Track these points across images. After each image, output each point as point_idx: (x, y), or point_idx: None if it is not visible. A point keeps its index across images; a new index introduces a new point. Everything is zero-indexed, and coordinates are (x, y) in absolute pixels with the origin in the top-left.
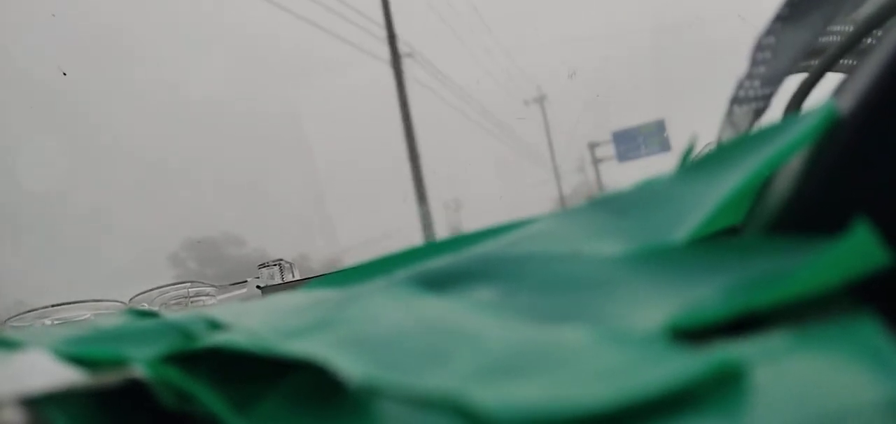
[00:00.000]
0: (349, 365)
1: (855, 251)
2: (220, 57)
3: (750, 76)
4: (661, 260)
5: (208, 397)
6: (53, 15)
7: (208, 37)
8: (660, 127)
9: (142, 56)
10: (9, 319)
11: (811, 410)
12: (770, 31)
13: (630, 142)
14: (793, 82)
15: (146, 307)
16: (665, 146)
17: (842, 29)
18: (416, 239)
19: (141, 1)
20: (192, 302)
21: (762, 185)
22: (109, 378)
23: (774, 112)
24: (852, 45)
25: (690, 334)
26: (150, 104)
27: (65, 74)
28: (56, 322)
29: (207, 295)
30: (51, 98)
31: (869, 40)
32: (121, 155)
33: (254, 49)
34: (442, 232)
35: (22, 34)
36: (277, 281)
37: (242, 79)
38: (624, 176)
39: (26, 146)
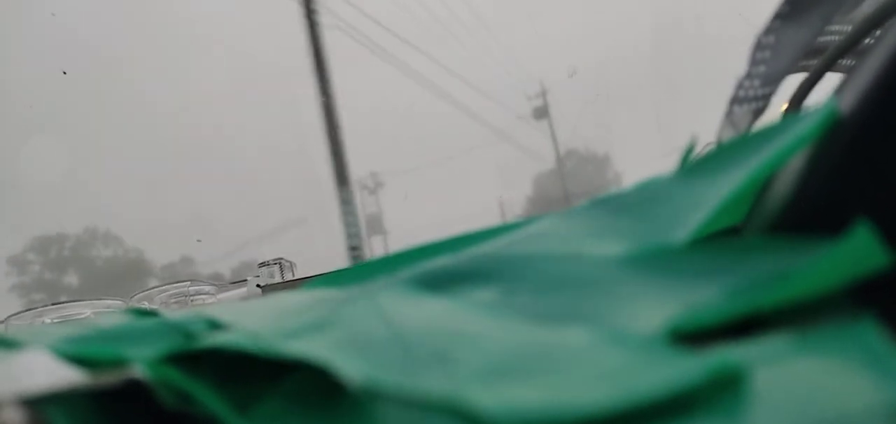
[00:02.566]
0: (349, 367)
1: (855, 253)
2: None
3: (749, 76)
4: (661, 260)
5: (208, 397)
6: None
7: None
8: None
9: None
10: (9, 317)
11: (811, 414)
12: (770, 30)
13: None
14: (792, 81)
15: (146, 306)
16: None
17: (841, 29)
18: (329, 227)
19: None
20: (191, 301)
21: (763, 185)
22: (110, 378)
23: (774, 111)
24: (852, 45)
25: (690, 336)
26: None
27: None
28: (56, 320)
29: (207, 293)
30: None
31: (868, 40)
32: None
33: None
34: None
35: None
36: (277, 279)
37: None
38: None
39: None
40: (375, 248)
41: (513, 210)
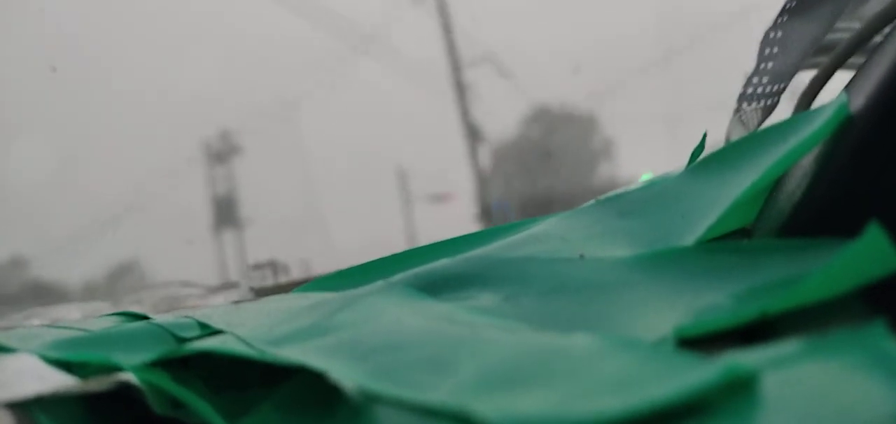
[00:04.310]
0: (346, 373)
1: (867, 255)
2: None
3: (758, 72)
4: (670, 263)
5: (199, 403)
6: None
7: None
8: None
9: None
10: None
11: (822, 419)
12: (777, 26)
13: None
14: (801, 79)
15: (136, 309)
16: None
17: (849, 26)
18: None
19: None
20: (182, 304)
21: (773, 185)
22: (99, 383)
23: (784, 109)
24: (862, 43)
25: (699, 341)
26: None
27: None
28: (44, 322)
29: (198, 296)
30: None
31: (878, 38)
32: None
33: None
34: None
35: None
36: (270, 282)
37: None
38: None
39: None
40: (227, 246)
41: (426, 186)
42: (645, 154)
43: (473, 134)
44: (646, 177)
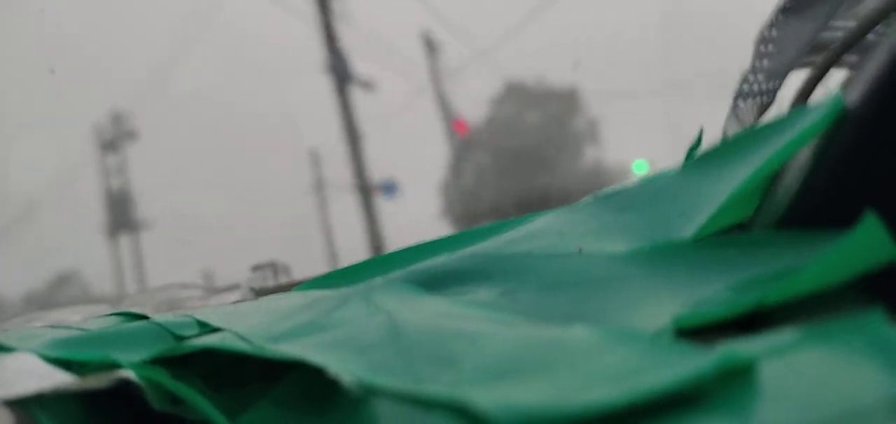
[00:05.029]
0: (344, 368)
1: (864, 245)
2: None
3: (754, 70)
4: (667, 257)
5: (197, 399)
6: None
7: None
8: None
9: None
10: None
11: (819, 407)
12: (773, 24)
13: None
14: (797, 77)
15: (136, 309)
16: None
17: (844, 24)
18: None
19: None
20: (182, 304)
21: (770, 180)
22: (99, 381)
23: (780, 106)
24: (857, 41)
25: (697, 331)
26: None
27: None
28: (45, 324)
29: (198, 297)
30: None
31: (872, 36)
32: None
33: None
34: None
35: None
36: (271, 283)
37: None
38: None
39: None
40: (122, 254)
41: (340, 172)
42: (635, 138)
43: (340, 75)
44: (639, 165)
